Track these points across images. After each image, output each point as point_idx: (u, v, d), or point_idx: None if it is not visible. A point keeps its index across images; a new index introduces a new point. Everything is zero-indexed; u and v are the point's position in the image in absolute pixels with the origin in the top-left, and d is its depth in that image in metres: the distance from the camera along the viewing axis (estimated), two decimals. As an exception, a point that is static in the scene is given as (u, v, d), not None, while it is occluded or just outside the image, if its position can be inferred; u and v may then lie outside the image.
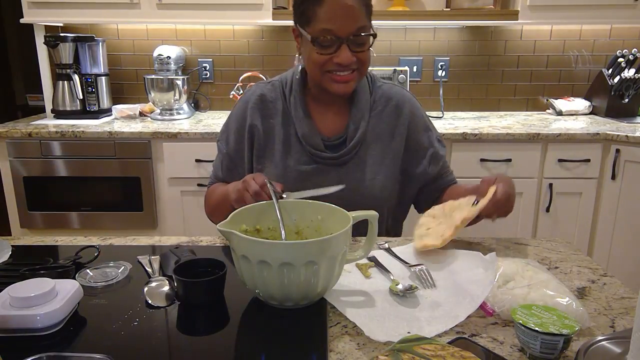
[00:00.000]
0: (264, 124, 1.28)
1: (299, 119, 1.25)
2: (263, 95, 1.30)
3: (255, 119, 1.28)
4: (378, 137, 1.27)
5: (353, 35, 1.11)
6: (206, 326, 0.82)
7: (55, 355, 0.68)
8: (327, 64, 1.14)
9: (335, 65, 1.14)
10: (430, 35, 2.82)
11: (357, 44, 1.13)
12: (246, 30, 2.83)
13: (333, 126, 1.28)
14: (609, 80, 2.63)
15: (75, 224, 2.43)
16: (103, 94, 2.67)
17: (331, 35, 1.11)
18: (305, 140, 1.24)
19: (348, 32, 1.11)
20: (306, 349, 0.74)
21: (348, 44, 1.12)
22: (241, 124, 1.30)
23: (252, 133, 1.29)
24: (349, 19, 1.10)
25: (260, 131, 1.28)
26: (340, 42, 1.11)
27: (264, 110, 1.28)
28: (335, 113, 1.28)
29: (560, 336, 0.68)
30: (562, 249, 1.11)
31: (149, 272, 0.95)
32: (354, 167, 1.25)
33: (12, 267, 0.96)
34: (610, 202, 2.32)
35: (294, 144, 1.26)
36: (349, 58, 1.12)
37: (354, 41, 1.12)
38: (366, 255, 0.92)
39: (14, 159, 2.34)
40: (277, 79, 1.33)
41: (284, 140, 1.27)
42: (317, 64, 1.15)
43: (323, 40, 1.12)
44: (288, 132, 1.27)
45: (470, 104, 2.91)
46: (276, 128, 1.27)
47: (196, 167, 2.33)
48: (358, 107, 1.26)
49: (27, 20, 2.55)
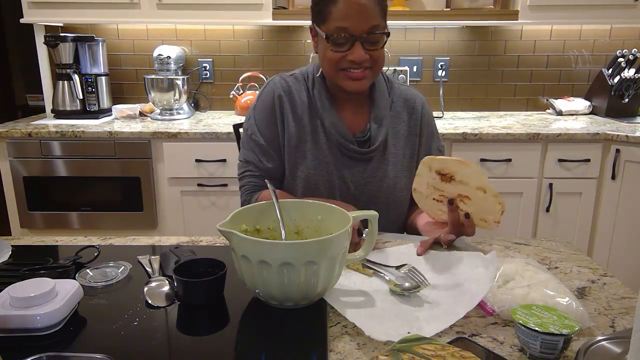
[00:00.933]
0: (294, 115, 1.28)
1: (325, 110, 1.26)
2: (288, 85, 1.29)
3: (285, 107, 1.28)
4: (396, 137, 1.30)
5: (366, 34, 1.14)
6: (206, 326, 0.82)
7: (55, 355, 0.68)
8: (341, 62, 1.17)
9: (349, 63, 1.16)
10: (430, 35, 2.82)
11: (370, 43, 1.15)
12: (246, 30, 2.83)
13: (354, 122, 1.29)
14: (609, 80, 2.63)
15: (75, 224, 2.43)
16: (103, 94, 2.67)
17: (345, 33, 1.13)
18: (334, 129, 1.25)
19: (362, 30, 1.13)
20: (306, 349, 0.74)
21: (361, 42, 1.14)
22: (271, 112, 1.28)
23: (283, 123, 1.28)
24: (363, 17, 1.12)
25: (290, 122, 1.27)
26: (354, 40, 1.14)
27: (292, 101, 1.28)
28: (354, 112, 1.30)
29: (560, 336, 0.68)
30: (562, 249, 1.11)
31: (149, 272, 0.95)
32: (377, 165, 1.27)
33: (12, 267, 0.96)
34: (610, 202, 2.32)
35: (321, 136, 1.27)
36: (362, 56, 1.14)
37: (368, 39, 1.14)
38: (366, 255, 0.92)
39: (14, 159, 2.34)
40: (297, 72, 1.34)
41: (312, 132, 1.27)
42: (332, 62, 1.17)
43: (337, 38, 1.14)
44: (315, 124, 1.28)
45: (470, 104, 2.91)
46: (304, 119, 1.28)
47: (196, 167, 2.33)
48: (379, 106, 1.28)
49: (27, 20, 2.55)
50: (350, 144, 1.26)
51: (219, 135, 2.29)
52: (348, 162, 1.27)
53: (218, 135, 2.30)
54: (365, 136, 1.27)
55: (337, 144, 1.26)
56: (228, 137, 2.27)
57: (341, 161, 1.27)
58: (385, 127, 1.27)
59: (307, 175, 1.25)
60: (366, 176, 1.27)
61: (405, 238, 1.19)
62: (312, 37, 1.26)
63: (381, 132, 1.27)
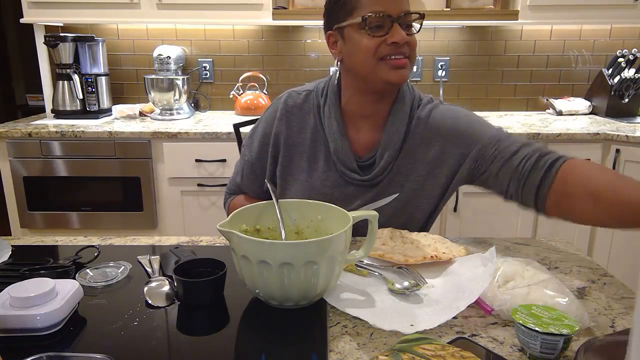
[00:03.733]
0: (291, 137, 1.20)
1: (332, 132, 1.16)
2: (293, 105, 1.21)
3: (282, 130, 1.21)
4: (407, 161, 1.16)
5: (405, 14, 1.07)
6: (206, 326, 0.82)
7: (55, 355, 0.68)
8: (381, 48, 1.06)
9: (390, 48, 1.06)
10: (430, 35, 2.82)
11: (407, 25, 1.08)
12: (246, 30, 2.83)
13: (366, 140, 1.18)
14: (609, 80, 2.63)
15: (75, 224, 2.43)
16: (103, 94, 2.67)
17: (383, 14, 1.05)
18: (336, 155, 1.16)
19: (399, 11, 1.06)
20: (306, 349, 0.74)
21: (399, 23, 1.06)
22: (267, 131, 1.23)
23: (277, 144, 1.21)
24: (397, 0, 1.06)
25: (285, 144, 1.20)
26: (392, 22, 1.05)
27: (293, 122, 1.20)
28: (370, 127, 1.18)
29: (560, 336, 0.68)
30: (562, 249, 1.11)
31: (149, 272, 0.95)
32: (384, 190, 1.16)
33: (12, 267, 0.96)
34: (610, 202, 2.32)
35: (321, 162, 1.18)
36: (404, 36, 1.05)
37: (405, 21, 1.07)
38: (366, 255, 0.92)
39: (14, 159, 2.34)
40: (311, 88, 1.23)
41: (310, 158, 1.19)
42: (370, 50, 1.06)
43: (374, 20, 1.05)
44: (316, 149, 1.19)
45: (470, 104, 2.91)
46: (304, 143, 1.20)
47: (196, 167, 2.33)
48: (394, 122, 1.16)
49: (27, 20, 2.55)
50: (351, 172, 1.16)
51: (219, 135, 2.30)
52: (352, 190, 1.17)
53: (218, 135, 2.30)
54: (371, 159, 1.17)
55: (340, 171, 1.17)
56: (228, 137, 2.28)
57: (345, 188, 1.18)
58: (394, 148, 1.15)
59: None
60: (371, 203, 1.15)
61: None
62: (332, 45, 1.15)
63: (387, 153, 1.15)
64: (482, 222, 2.37)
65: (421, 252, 0.99)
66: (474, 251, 1.02)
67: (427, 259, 0.97)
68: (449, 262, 0.98)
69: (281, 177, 1.22)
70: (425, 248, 1.02)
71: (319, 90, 1.22)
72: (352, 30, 1.08)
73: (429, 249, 1.01)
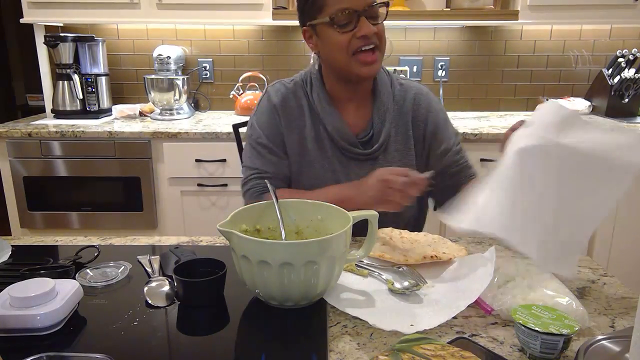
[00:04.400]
0: (295, 123, 1.26)
1: (327, 114, 1.24)
2: (287, 93, 1.28)
3: (283, 118, 1.26)
4: (400, 131, 1.27)
5: (368, 7, 1.13)
6: (206, 326, 0.82)
7: (55, 355, 0.68)
8: (352, 43, 1.14)
9: (360, 41, 1.14)
10: (430, 35, 2.82)
11: (373, 17, 1.15)
12: (246, 30, 2.83)
13: (356, 122, 1.27)
14: (609, 80, 2.63)
15: (75, 224, 2.43)
16: (103, 94, 2.67)
17: (348, 11, 1.13)
18: (337, 134, 1.24)
19: (364, 5, 1.13)
20: (306, 349, 0.74)
21: (365, 15, 1.13)
22: (272, 117, 1.27)
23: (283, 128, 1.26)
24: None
25: (291, 129, 1.26)
26: (358, 16, 1.13)
27: (290, 110, 1.27)
28: (356, 110, 1.27)
29: (560, 336, 0.68)
30: (562, 249, 1.11)
31: (149, 272, 0.95)
32: (384, 161, 1.25)
33: (12, 267, 0.96)
34: (610, 202, 2.32)
35: (326, 142, 1.25)
36: (371, 28, 1.13)
37: (370, 13, 1.14)
38: (366, 255, 0.92)
39: (14, 159, 2.34)
40: (297, 77, 1.32)
41: (316, 139, 1.26)
42: (342, 46, 1.15)
43: (341, 18, 1.13)
44: (318, 130, 1.26)
45: (470, 104, 2.91)
46: (307, 127, 1.26)
47: (196, 167, 2.33)
48: (381, 100, 1.26)
49: (27, 20, 2.55)
50: (354, 147, 1.24)
51: (219, 135, 2.29)
52: (355, 164, 1.25)
53: (218, 135, 2.30)
54: (368, 134, 1.25)
55: (342, 148, 1.24)
56: (228, 137, 2.27)
57: (347, 165, 1.25)
58: (388, 123, 1.25)
59: (313, 185, 1.22)
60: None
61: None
62: (308, 40, 1.23)
63: (384, 129, 1.25)
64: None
65: (421, 252, 0.99)
66: (474, 251, 1.03)
67: (427, 259, 0.97)
68: (449, 262, 0.98)
69: (294, 163, 1.27)
70: (425, 248, 1.02)
71: (304, 77, 1.31)
72: (324, 27, 1.16)
73: (429, 249, 1.01)
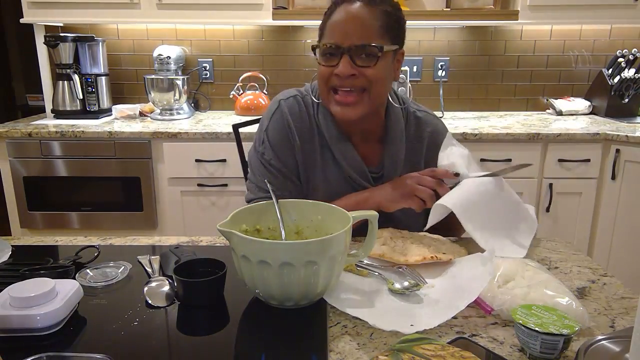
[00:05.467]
0: (303, 145, 1.18)
1: (333, 138, 1.15)
2: (301, 114, 1.18)
3: (296, 138, 1.17)
4: (411, 165, 1.21)
5: (355, 47, 1.04)
6: (206, 326, 0.82)
7: (55, 355, 0.68)
8: (331, 79, 1.08)
9: (336, 79, 1.07)
10: (430, 35, 2.82)
11: (361, 57, 1.05)
12: (246, 30, 2.83)
13: (365, 154, 1.19)
14: (609, 80, 2.63)
15: (75, 224, 2.43)
16: (103, 94, 2.67)
17: (332, 46, 1.06)
18: (346, 162, 1.15)
19: (350, 43, 1.04)
20: (306, 349, 0.74)
21: (350, 56, 1.04)
22: (286, 138, 1.17)
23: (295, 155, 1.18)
24: (353, 30, 1.04)
25: (300, 152, 1.18)
26: (341, 53, 1.05)
27: (300, 129, 1.17)
28: (365, 139, 1.19)
29: (560, 336, 0.68)
30: (562, 249, 1.11)
31: (149, 272, 0.95)
32: None
33: (12, 267, 0.96)
34: (610, 202, 2.32)
35: (331, 168, 1.18)
36: (347, 70, 1.04)
37: (357, 53, 1.04)
38: (366, 255, 0.92)
39: (14, 159, 2.34)
40: (298, 93, 1.21)
41: (323, 163, 1.18)
42: (322, 78, 1.10)
43: (325, 50, 1.07)
44: (323, 158, 1.18)
45: (470, 104, 2.91)
46: (315, 149, 1.18)
47: (196, 167, 2.33)
48: (393, 136, 1.18)
49: (27, 20, 2.55)
50: (366, 182, 1.17)
51: (219, 135, 2.29)
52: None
53: (218, 135, 2.30)
54: (379, 173, 1.18)
55: (350, 178, 1.17)
56: (228, 137, 2.27)
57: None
58: (399, 162, 1.18)
59: None
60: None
61: None
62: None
63: (396, 169, 1.18)
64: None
65: (421, 252, 0.99)
66: (474, 251, 1.02)
67: (427, 259, 0.97)
68: (449, 262, 0.99)
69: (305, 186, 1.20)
70: (425, 248, 1.02)
71: (306, 94, 1.20)
72: (317, 53, 1.11)
73: (429, 249, 1.01)
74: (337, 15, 1.07)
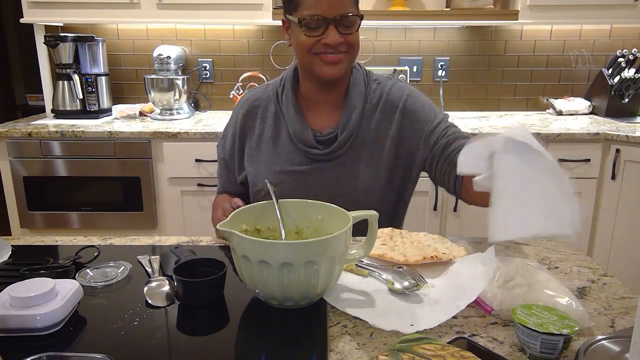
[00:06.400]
0: (255, 129, 1.28)
1: (290, 116, 1.24)
2: (255, 99, 1.30)
3: (246, 122, 1.29)
4: (370, 134, 1.23)
5: (340, 16, 1.11)
6: (206, 326, 0.82)
7: (55, 355, 0.68)
8: (316, 46, 1.14)
9: (324, 47, 1.13)
10: (430, 35, 2.82)
11: (344, 26, 1.13)
12: (246, 30, 2.83)
13: (326, 122, 1.25)
14: (609, 80, 2.63)
15: (75, 224, 2.43)
16: (103, 94, 2.67)
17: (319, 17, 1.11)
18: (295, 136, 1.22)
19: (335, 13, 1.11)
20: (306, 349, 0.74)
21: (335, 25, 1.12)
22: (234, 128, 1.32)
23: (243, 138, 1.30)
24: (335, 3, 1.11)
25: (251, 135, 1.29)
26: (327, 23, 1.11)
27: (254, 115, 1.29)
28: (329, 109, 1.25)
29: (560, 336, 0.68)
30: (562, 249, 1.11)
31: (149, 272, 0.95)
32: (351, 162, 1.22)
33: (12, 267, 0.96)
34: (610, 202, 2.32)
35: (284, 143, 1.25)
36: (337, 39, 1.12)
37: (341, 22, 1.12)
38: (366, 255, 0.92)
39: (14, 159, 2.34)
40: (271, 82, 1.33)
41: (274, 141, 1.26)
42: (306, 47, 1.14)
43: (310, 22, 1.12)
44: (278, 133, 1.26)
45: (470, 104, 2.91)
46: (266, 130, 1.27)
47: (196, 167, 2.33)
48: (351, 98, 1.23)
49: (27, 20, 2.55)
50: (312, 148, 1.21)
51: (218, 135, 2.27)
52: (318, 166, 1.22)
53: (218, 135, 2.28)
54: (332, 134, 1.22)
55: (301, 150, 1.22)
56: (228, 137, 2.27)
57: (309, 167, 1.23)
58: (354, 120, 1.21)
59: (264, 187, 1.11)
60: (338, 176, 1.22)
61: None
62: (285, 30, 1.22)
63: (349, 126, 1.21)
64: (482, 222, 2.36)
65: (421, 252, 0.99)
66: (474, 251, 1.02)
67: (427, 259, 0.97)
68: (449, 262, 0.99)
69: (249, 163, 1.28)
70: (425, 248, 1.02)
71: (277, 82, 1.30)
72: (294, 25, 1.16)
73: (429, 249, 1.01)
74: None
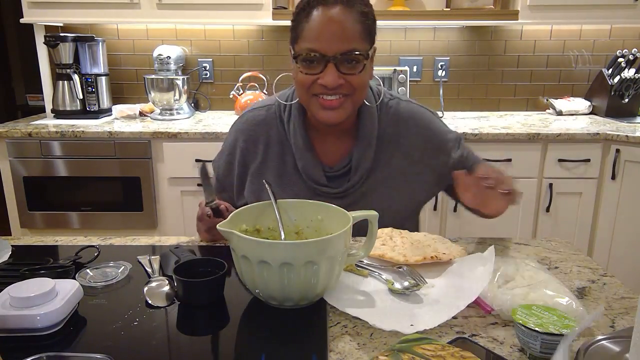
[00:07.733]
0: (258, 155, 1.19)
1: (298, 149, 1.14)
2: (256, 124, 1.19)
3: (247, 150, 1.19)
4: (385, 170, 1.16)
5: (341, 54, 1.00)
6: (206, 326, 0.82)
7: (55, 355, 0.68)
8: (313, 86, 1.04)
9: (321, 88, 1.03)
10: (430, 35, 2.82)
11: (347, 65, 1.01)
12: (246, 30, 2.83)
13: (336, 154, 1.16)
14: (609, 80, 2.63)
15: (75, 224, 2.43)
16: (103, 94, 2.67)
17: (315, 54, 1.00)
18: (305, 173, 1.14)
19: (335, 51, 1.00)
20: (306, 349, 0.74)
21: (335, 64, 1.00)
22: (232, 153, 1.21)
23: (246, 164, 1.20)
24: (337, 37, 0.99)
25: (253, 161, 1.19)
26: (326, 62, 1.00)
27: (256, 141, 1.19)
28: (337, 138, 1.16)
29: (560, 336, 0.68)
30: (562, 249, 1.11)
31: (149, 272, 0.95)
32: (361, 198, 1.15)
33: (12, 267, 0.96)
34: (610, 202, 2.32)
35: (291, 174, 1.16)
36: (335, 80, 1.01)
37: (344, 60, 1.01)
38: (366, 255, 0.92)
39: (14, 159, 2.34)
40: (273, 102, 1.21)
41: (279, 172, 1.17)
42: (303, 86, 1.05)
43: (307, 58, 1.02)
44: (284, 162, 1.17)
45: (470, 104, 2.91)
46: (270, 158, 1.18)
47: (196, 167, 2.33)
48: (364, 132, 1.14)
49: (27, 20, 2.55)
50: (321, 186, 1.14)
51: (218, 135, 2.29)
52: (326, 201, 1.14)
53: (218, 135, 2.30)
54: (345, 167, 1.15)
55: (311, 188, 1.15)
56: (228, 137, 2.27)
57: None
58: (368, 157, 1.14)
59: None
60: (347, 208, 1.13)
61: None
62: (291, 57, 1.10)
63: (363, 164, 1.13)
64: (482, 222, 2.36)
65: (421, 252, 0.99)
66: (474, 251, 1.02)
67: (427, 259, 0.97)
68: (449, 262, 0.99)
69: (250, 192, 1.20)
70: (425, 248, 1.02)
71: (280, 99, 1.19)
72: (297, 60, 1.05)
73: (429, 249, 1.01)
74: (316, 18, 1.01)
